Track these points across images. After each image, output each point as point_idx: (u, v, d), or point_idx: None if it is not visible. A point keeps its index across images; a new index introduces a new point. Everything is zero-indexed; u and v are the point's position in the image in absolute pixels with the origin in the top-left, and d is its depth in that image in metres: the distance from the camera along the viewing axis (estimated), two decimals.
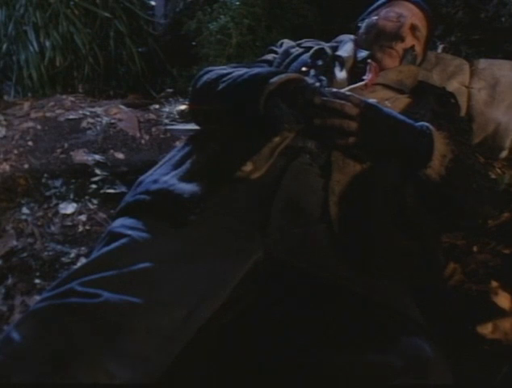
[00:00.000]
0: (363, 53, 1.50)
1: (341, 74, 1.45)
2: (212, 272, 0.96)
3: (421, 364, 0.83)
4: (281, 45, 1.68)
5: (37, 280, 1.45)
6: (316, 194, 1.12)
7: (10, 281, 1.45)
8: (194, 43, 3.07)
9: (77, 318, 0.82)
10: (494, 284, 1.20)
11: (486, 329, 1.11)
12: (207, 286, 0.94)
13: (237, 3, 2.80)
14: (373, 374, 0.81)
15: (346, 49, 1.53)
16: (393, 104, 1.36)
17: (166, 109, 2.63)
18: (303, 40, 1.65)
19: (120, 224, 1.07)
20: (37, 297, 1.32)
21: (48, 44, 3.04)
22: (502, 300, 1.16)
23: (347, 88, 1.35)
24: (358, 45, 1.55)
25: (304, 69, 1.45)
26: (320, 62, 1.47)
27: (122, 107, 2.44)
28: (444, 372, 0.85)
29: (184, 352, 0.89)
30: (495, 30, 2.29)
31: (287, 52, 1.60)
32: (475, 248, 1.42)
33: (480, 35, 2.32)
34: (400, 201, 1.14)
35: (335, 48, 1.57)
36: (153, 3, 3.78)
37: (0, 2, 3.05)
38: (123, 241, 0.99)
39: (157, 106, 2.73)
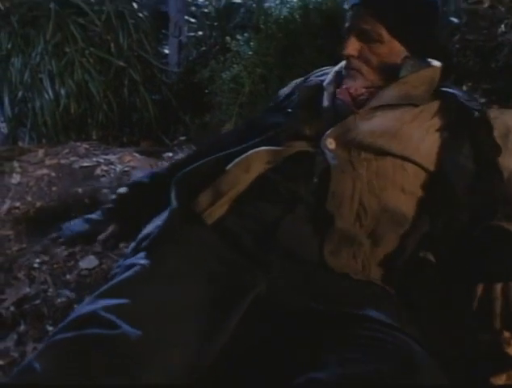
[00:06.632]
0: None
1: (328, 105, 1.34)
2: (217, 306, 0.98)
3: (411, 369, 0.83)
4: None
5: (49, 327, 1.45)
6: (312, 244, 1.10)
7: (22, 328, 1.45)
8: (207, 91, 3.13)
9: (94, 352, 0.84)
10: (507, 334, 1.19)
11: (500, 380, 1.10)
12: (214, 322, 0.96)
13: (250, 53, 2.86)
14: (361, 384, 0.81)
15: (329, 78, 1.42)
16: (415, 128, 1.23)
17: (179, 157, 2.64)
18: (311, 74, 1.53)
19: (134, 257, 1.10)
20: None
21: (62, 91, 3.10)
22: None
23: (338, 126, 1.23)
24: None
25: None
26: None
27: (136, 154, 2.46)
28: (436, 377, 0.85)
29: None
30: (506, 79, 2.31)
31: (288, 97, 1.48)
32: None
33: (491, 85, 2.34)
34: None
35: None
36: (166, 52, 3.87)
37: (16, 50, 3.12)
38: (136, 269, 1.02)
39: (170, 154, 2.76)
